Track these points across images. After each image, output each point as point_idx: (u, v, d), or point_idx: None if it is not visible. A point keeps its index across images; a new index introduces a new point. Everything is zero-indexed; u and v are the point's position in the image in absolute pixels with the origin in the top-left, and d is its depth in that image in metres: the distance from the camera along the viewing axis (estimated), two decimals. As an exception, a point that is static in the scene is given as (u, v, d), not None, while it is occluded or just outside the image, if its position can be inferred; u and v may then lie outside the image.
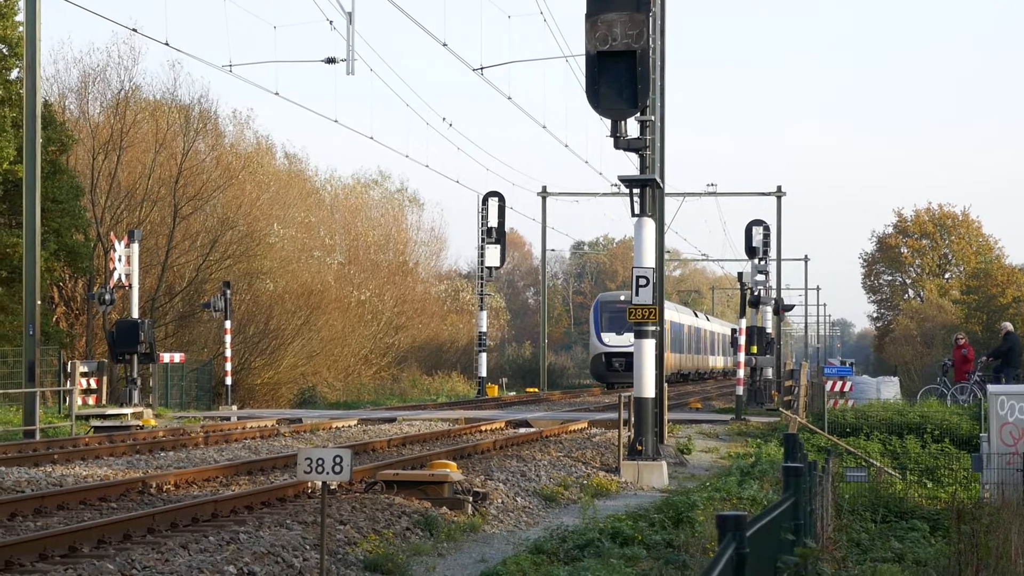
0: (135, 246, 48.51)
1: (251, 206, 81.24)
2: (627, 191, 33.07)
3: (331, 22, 41.28)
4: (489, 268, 77.96)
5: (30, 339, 43.86)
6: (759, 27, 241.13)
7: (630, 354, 66.02)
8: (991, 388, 37.27)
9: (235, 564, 18.09)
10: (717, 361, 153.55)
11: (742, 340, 60.93)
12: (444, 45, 56.65)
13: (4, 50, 59.68)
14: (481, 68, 69.22)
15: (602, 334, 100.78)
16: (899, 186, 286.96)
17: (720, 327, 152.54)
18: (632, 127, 29.07)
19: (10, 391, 42.92)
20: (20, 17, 55.89)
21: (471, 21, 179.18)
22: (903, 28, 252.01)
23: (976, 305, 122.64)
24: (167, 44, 51.65)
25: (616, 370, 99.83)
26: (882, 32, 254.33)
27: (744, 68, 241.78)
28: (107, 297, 50.04)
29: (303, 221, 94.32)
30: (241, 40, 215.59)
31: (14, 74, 58.16)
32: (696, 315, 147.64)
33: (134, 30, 57.91)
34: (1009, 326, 60.60)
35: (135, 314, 47.32)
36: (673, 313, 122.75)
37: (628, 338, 71.83)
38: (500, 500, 26.34)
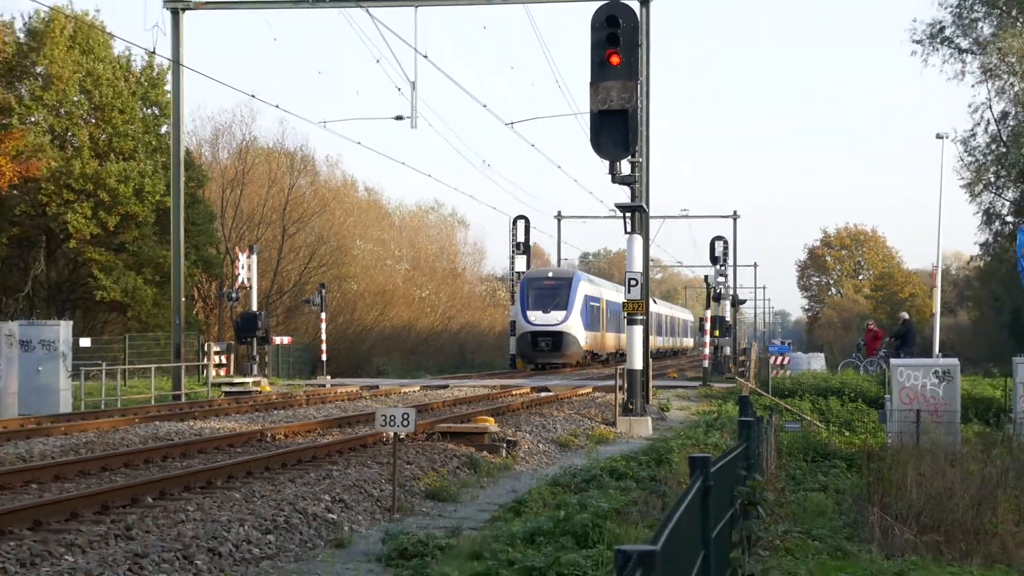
0: (254, 257, 48.59)
1: (339, 227, 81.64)
2: (622, 215, 33.06)
3: (399, 88, 41.24)
4: (518, 273, 78.19)
5: (176, 327, 44.22)
6: (724, 83, 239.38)
7: (556, 333, 73.60)
8: (893, 361, 37.15)
9: (329, 494, 18.15)
10: (688, 342, 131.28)
11: (708, 326, 61.03)
12: (484, 106, 56.49)
13: (156, 111, 59.63)
14: (512, 123, 69.31)
15: (528, 312, 78.22)
16: (825, 209, 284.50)
17: (689, 316, 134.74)
18: (624, 167, 29.03)
19: (163, 365, 43.01)
20: (168, 86, 55.97)
21: (505, 86, 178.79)
22: (829, 80, 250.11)
23: (882, 299, 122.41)
24: (277, 107, 51.77)
25: (542, 350, 76.52)
26: (813, 84, 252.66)
27: (712, 113, 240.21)
28: (233, 295, 50.46)
29: (379, 238, 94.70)
30: (333, 101, 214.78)
31: (163, 129, 58.10)
32: (672, 307, 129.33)
33: (252, 95, 58.12)
34: (906, 315, 60.21)
35: (254, 307, 47.39)
36: (654, 306, 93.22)
37: (554, 316, 73.03)
38: (526, 446, 26.39)
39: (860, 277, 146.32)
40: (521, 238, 71.69)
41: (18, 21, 58.18)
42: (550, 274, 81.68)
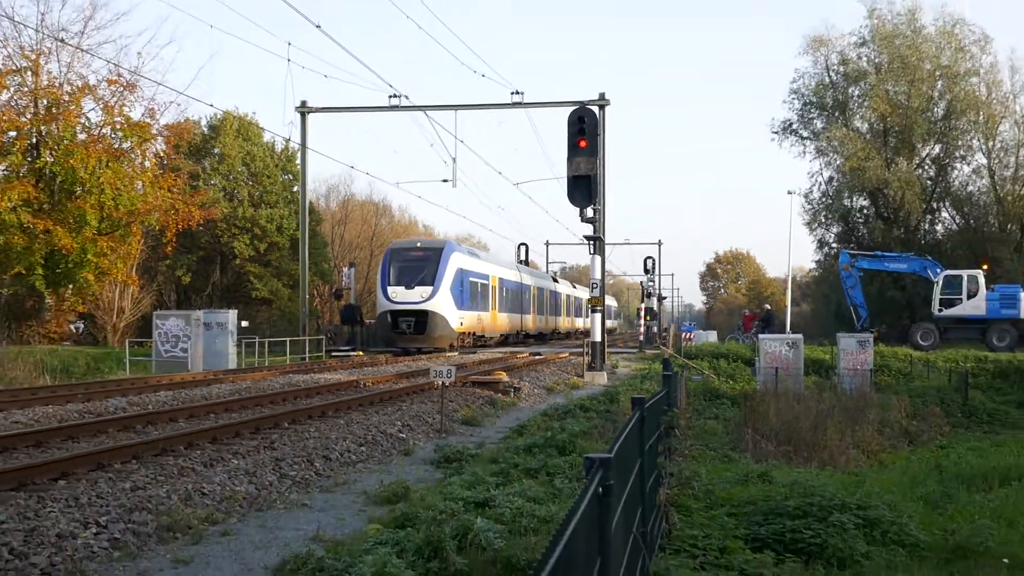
0: (352, 270, 48.62)
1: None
2: (588, 242, 33.09)
3: (445, 162, 42.15)
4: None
5: (303, 314, 44.20)
6: (651, 154, 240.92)
7: (420, 313, 42.25)
8: (761, 336, 37.37)
9: (400, 421, 18.14)
10: (612, 323, 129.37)
11: (643, 314, 60.80)
12: (499, 173, 56.79)
13: (290, 177, 59.56)
14: (517, 183, 69.33)
15: (388, 288, 51.27)
16: (718, 237, 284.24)
17: (614, 302, 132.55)
18: (589, 212, 28.96)
19: (294, 339, 42.99)
20: (298, 161, 56.07)
21: (512, 159, 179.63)
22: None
23: (752, 296, 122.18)
24: (367, 173, 52.06)
25: (403, 332, 47.86)
26: (711, 155, 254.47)
27: (645, 172, 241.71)
28: (339, 294, 50.65)
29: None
30: (403, 169, 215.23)
31: (295, 188, 58.01)
32: (615, 299, 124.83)
33: (351, 166, 58.55)
34: (768, 306, 60.61)
35: (352, 301, 47.43)
36: (582, 291, 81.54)
37: (420, 293, 43.23)
38: (526, 390, 26.35)
39: (739, 282, 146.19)
40: (523, 257, 71.01)
41: (203, 120, 58.21)
42: (418, 244, 49.99)
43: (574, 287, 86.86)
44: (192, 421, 16.46)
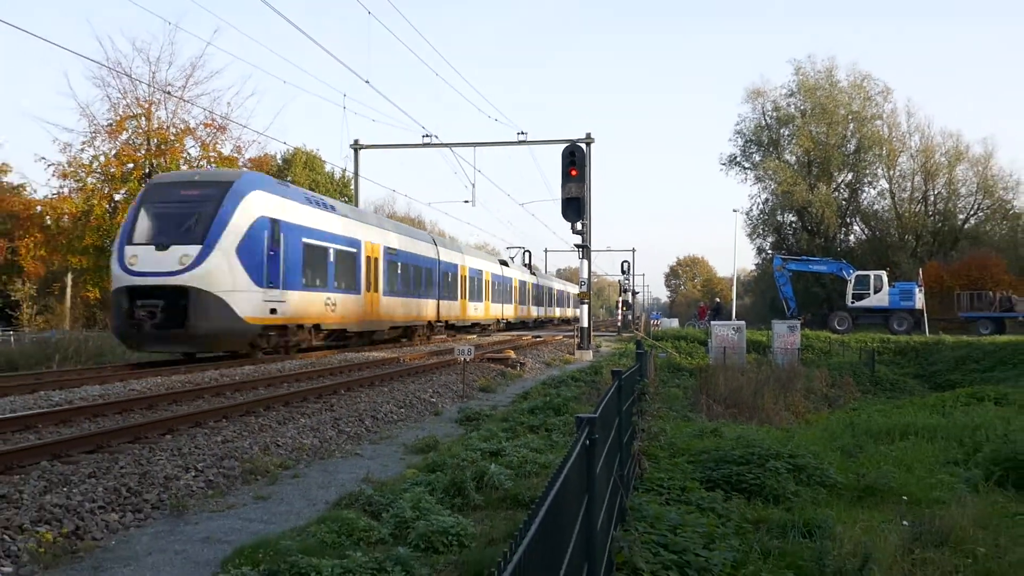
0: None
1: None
2: (577, 250, 33.02)
3: (466, 186, 41.62)
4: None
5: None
6: (630, 177, 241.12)
7: (173, 292, 19.47)
8: (712, 323, 37.23)
9: (431, 388, 18.08)
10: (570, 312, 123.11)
11: (621, 305, 60.74)
12: (508, 195, 56.55)
13: (346, 199, 59.38)
14: (523, 203, 69.12)
15: (127, 250, 19.42)
16: (679, 245, 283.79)
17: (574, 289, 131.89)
18: (579, 226, 28.86)
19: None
20: (352, 187, 55.89)
21: (519, 184, 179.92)
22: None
23: (706, 291, 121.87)
24: (406, 195, 51.69)
25: (142, 325, 18.98)
26: (675, 180, 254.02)
27: (623, 191, 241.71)
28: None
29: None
30: (434, 192, 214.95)
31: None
32: (566, 284, 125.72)
33: (393, 190, 58.31)
34: (719, 299, 60.24)
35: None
36: (556, 283, 75.95)
37: (177, 256, 19.56)
38: (529, 365, 26.27)
39: (695, 280, 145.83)
40: (527, 260, 70.60)
41: (278, 155, 57.96)
42: (196, 178, 21.71)
43: (563, 282, 78.93)
44: (270, 389, 16.43)
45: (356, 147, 42.21)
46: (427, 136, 37.82)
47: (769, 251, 63.71)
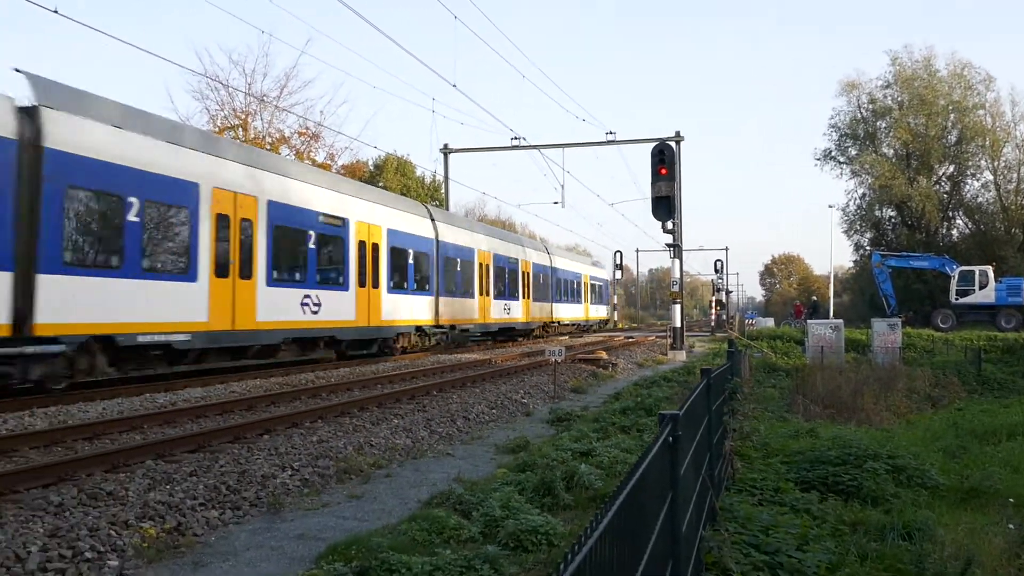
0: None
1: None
2: (669, 249, 32.71)
3: (555, 188, 41.69)
4: (616, 280, 76.90)
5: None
6: (720, 178, 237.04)
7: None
8: (809, 321, 36.45)
9: (522, 389, 18.13)
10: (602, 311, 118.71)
11: (714, 304, 59.95)
12: (598, 196, 56.49)
13: (437, 204, 60.05)
14: (613, 203, 68.84)
15: None
16: (776, 242, 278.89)
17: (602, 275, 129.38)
18: (669, 225, 28.56)
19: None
20: (442, 191, 56.49)
21: (609, 185, 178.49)
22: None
23: (802, 290, 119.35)
24: (495, 197, 51.84)
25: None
26: (775, 180, 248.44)
27: (713, 191, 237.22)
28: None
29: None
30: (523, 193, 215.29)
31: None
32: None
33: (484, 193, 58.70)
34: (815, 298, 59.23)
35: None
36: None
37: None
38: (621, 365, 26.14)
39: (791, 279, 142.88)
40: (617, 261, 69.99)
41: (370, 160, 59.08)
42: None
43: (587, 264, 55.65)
44: (364, 390, 16.71)
45: (445, 151, 42.66)
46: (515, 138, 37.96)
47: (867, 248, 62.18)
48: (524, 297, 37.56)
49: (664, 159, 26.41)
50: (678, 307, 33.80)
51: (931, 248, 54.88)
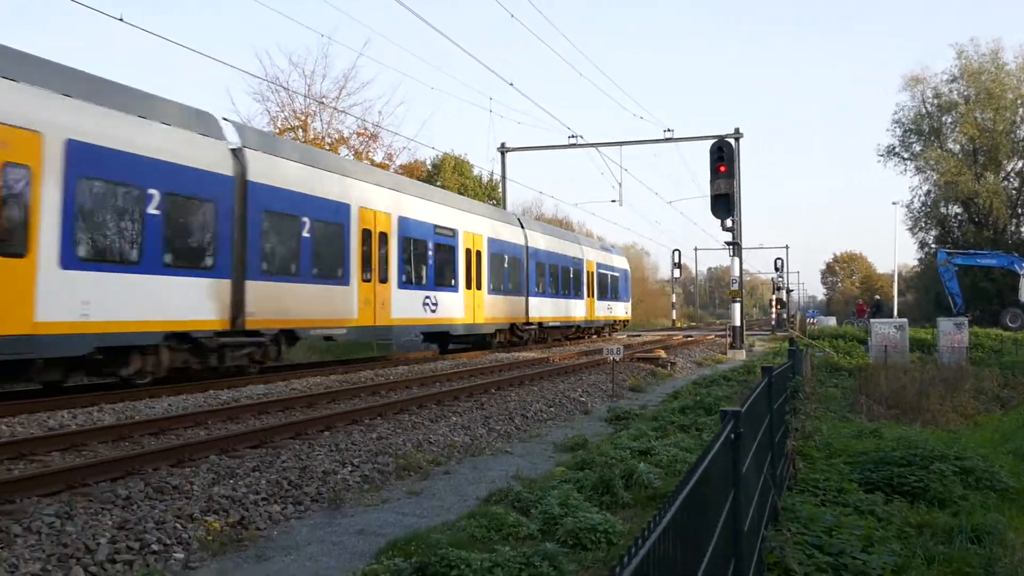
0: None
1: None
2: (728, 247, 32.37)
3: (612, 186, 41.54)
4: (675, 279, 76.15)
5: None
6: (780, 175, 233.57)
7: None
8: (872, 320, 35.79)
9: (580, 387, 18.09)
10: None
11: (775, 304, 59.21)
12: (656, 193, 55.98)
13: (494, 202, 60.13)
14: (671, 201, 68.36)
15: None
16: (837, 239, 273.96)
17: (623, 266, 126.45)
18: (728, 223, 28.26)
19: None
20: (499, 190, 56.55)
21: (665, 183, 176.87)
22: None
23: (865, 289, 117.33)
24: (552, 196, 52.03)
25: None
26: (835, 175, 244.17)
27: (776, 189, 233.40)
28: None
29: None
30: (580, 191, 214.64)
31: (497, 210, 58.45)
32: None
33: (540, 192, 58.75)
34: (878, 296, 58.11)
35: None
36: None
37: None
38: (680, 364, 25.95)
39: (853, 277, 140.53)
40: (676, 260, 69.07)
41: (428, 160, 59.45)
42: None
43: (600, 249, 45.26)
44: (423, 388, 16.81)
45: (503, 150, 42.73)
46: (573, 137, 37.88)
47: (932, 245, 60.95)
48: (471, 287, 27.50)
49: (723, 156, 26.15)
50: (737, 306, 33.43)
51: (999, 245, 53.54)
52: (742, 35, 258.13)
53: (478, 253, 27.69)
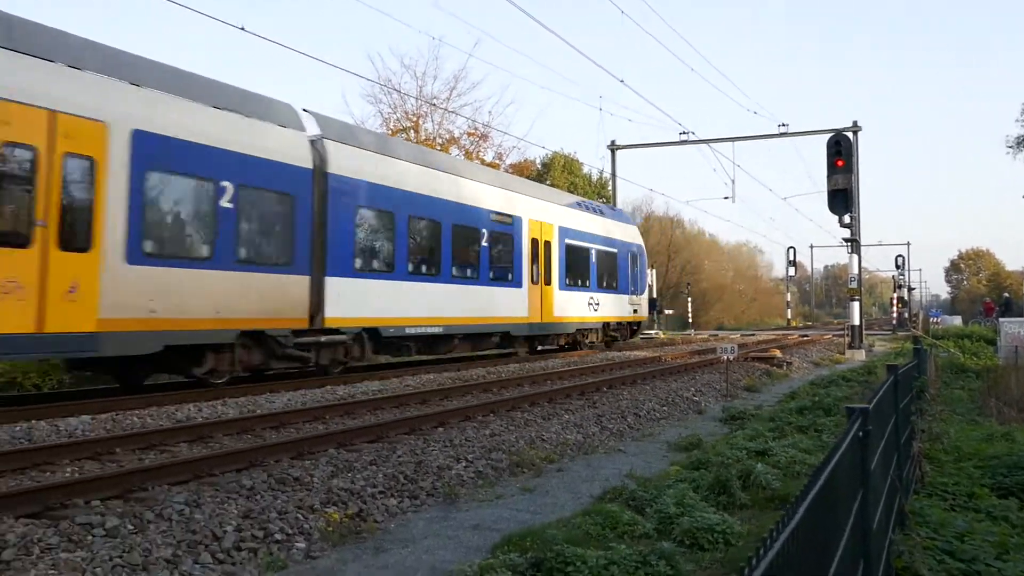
0: (653, 271, 48.25)
1: (694, 255, 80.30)
2: (846, 244, 31.44)
3: (725, 183, 40.63)
4: (789, 277, 74.30)
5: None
6: (899, 170, 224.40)
7: None
8: (1001, 320, 34.30)
9: (693, 387, 17.85)
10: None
11: (896, 303, 57.34)
12: (770, 190, 54.81)
13: (604, 200, 59.86)
14: (786, 198, 66.71)
15: None
16: (956, 236, 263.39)
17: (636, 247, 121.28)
18: (846, 219, 27.48)
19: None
20: (609, 187, 56.22)
21: (779, 179, 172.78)
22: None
23: (993, 287, 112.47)
24: (663, 193, 51.38)
25: None
26: (959, 176, 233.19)
27: (899, 184, 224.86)
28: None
29: (715, 260, 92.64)
30: (692, 190, 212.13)
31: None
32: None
33: (651, 189, 58.24)
34: (1007, 294, 55.44)
35: (654, 295, 47.22)
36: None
37: None
38: (796, 364, 25.33)
39: (979, 274, 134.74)
40: (791, 258, 67.34)
41: (538, 159, 59.66)
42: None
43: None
44: (534, 386, 16.86)
45: (613, 148, 42.57)
46: (684, 133, 37.42)
47: (1068, 240, 58.03)
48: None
49: (840, 150, 25.47)
50: (856, 304, 32.46)
51: None
52: (860, 24, 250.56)
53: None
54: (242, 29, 15.43)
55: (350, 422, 11.77)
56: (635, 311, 32.52)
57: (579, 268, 27.09)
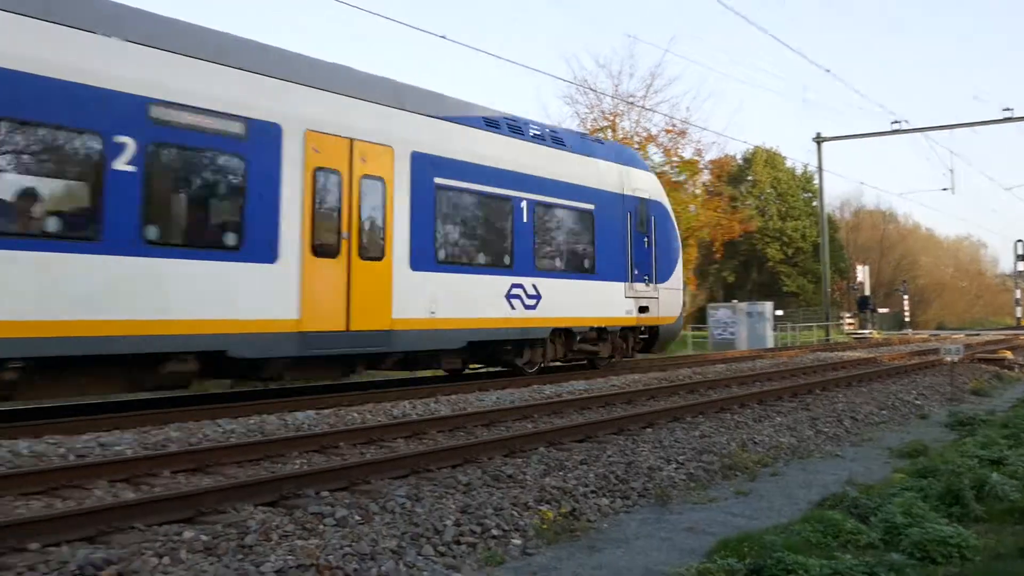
0: (865, 268, 46.43)
1: (909, 251, 76.12)
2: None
3: (942, 174, 38.29)
4: (1018, 272, 68.88)
5: (825, 304, 42.61)
6: None
7: None
8: None
9: (915, 390, 16.92)
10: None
11: None
12: (991, 179, 51.29)
13: (809, 195, 57.97)
14: (1010, 188, 62.24)
15: None
16: None
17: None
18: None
19: (818, 324, 41.68)
20: (815, 181, 54.41)
21: (1007, 162, 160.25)
22: None
23: None
24: (874, 187, 48.86)
25: None
26: None
27: None
28: (855, 287, 48.29)
29: (933, 255, 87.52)
30: (906, 182, 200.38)
31: (814, 203, 56.20)
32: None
33: (861, 183, 55.78)
34: None
35: (867, 293, 45.29)
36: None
37: None
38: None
39: None
40: (1019, 251, 62.56)
41: (738, 154, 58.33)
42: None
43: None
44: (742, 387, 16.49)
45: (818, 140, 41.09)
46: (896, 122, 35.58)
47: None
48: None
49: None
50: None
51: None
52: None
53: None
54: (443, 37, 15.98)
55: (558, 421, 11.90)
56: (642, 309, 19.86)
57: (480, 234, 16.08)
